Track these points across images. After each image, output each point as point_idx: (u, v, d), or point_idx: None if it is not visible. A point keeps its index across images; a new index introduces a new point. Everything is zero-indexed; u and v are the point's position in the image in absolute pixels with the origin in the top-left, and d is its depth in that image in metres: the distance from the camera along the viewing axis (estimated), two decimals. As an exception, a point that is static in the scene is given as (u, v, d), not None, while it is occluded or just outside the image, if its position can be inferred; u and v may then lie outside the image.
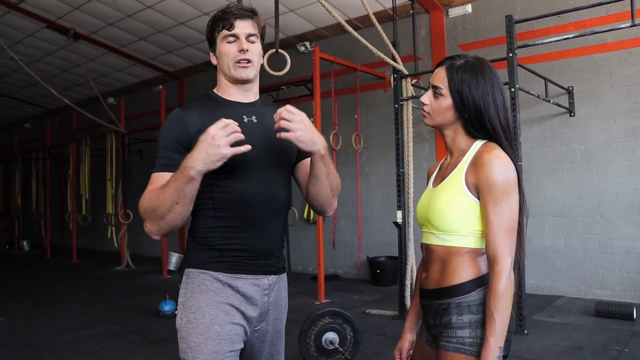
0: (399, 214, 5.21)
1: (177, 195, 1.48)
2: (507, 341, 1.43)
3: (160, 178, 1.58)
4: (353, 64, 6.85)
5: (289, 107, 1.52)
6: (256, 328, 1.70)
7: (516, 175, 1.46)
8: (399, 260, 5.29)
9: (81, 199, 10.59)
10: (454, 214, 1.49)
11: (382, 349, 4.20)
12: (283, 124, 1.50)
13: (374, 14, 5.09)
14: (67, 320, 5.32)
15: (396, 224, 5.24)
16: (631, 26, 4.03)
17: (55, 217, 12.38)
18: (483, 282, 1.47)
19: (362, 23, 7.30)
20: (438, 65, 1.59)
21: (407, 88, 5.44)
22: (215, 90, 1.76)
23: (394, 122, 5.38)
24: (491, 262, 1.42)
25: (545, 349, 4.00)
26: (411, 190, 5.31)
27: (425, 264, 1.62)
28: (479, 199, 1.47)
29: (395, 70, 5.38)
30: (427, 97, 1.59)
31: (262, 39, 1.74)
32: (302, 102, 7.24)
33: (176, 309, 1.70)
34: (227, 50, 1.66)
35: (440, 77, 1.55)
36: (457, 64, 1.54)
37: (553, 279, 5.95)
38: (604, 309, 4.86)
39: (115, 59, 9.75)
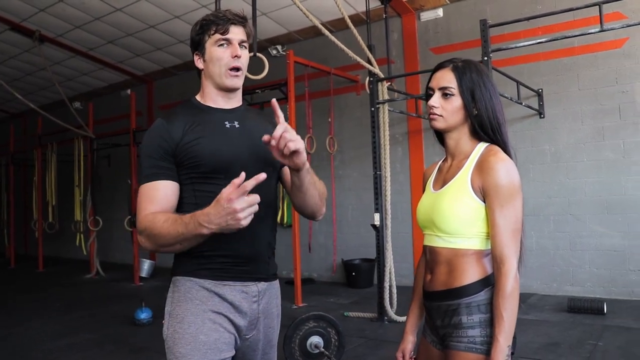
0: (377, 216, 5.24)
1: (182, 239, 1.49)
2: (514, 337, 1.46)
3: (151, 189, 1.59)
4: (326, 68, 6.87)
5: (287, 126, 1.45)
6: (247, 337, 1.67)
7: (519, 178, 1.50)
8: (377, 263, 5.32)
9: (47, 206, 10.30)
10: (460, 217, 1.51)
11: (364, 352, 4.22)
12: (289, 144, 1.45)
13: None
14: (42, 331, 5.18)
15: (374, 226, 5.26)
16: (600, 31, 4.17)
17: (18, 224, 12.00)
18: (489, 282, 1.51)
19: (334, 26, 7.32)
20: (438, 69, 1.61)
21: (383, 91, 5.49)
22: (198, 97, 1.75)
23: (370, 125, 5.40)
24: (498, 263, 1.45)
25: (524, 346, 4.07)
26: (388, 193, 5.34)
27: (429, 266, 1.63)
28: (484, 201, 1.50)
29: (371, 74, 5.41)
30: (436, 100, 1.58)
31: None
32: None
33: (152, 318, 1.69)
34: (219, 54, 1.66)
35: (447, 78, 1.57)
36: (461, 65, 1.57)
37: (525, 277, 6.07)
38: (576, 305, 5.01)
39: (83, 62, 9.52)
